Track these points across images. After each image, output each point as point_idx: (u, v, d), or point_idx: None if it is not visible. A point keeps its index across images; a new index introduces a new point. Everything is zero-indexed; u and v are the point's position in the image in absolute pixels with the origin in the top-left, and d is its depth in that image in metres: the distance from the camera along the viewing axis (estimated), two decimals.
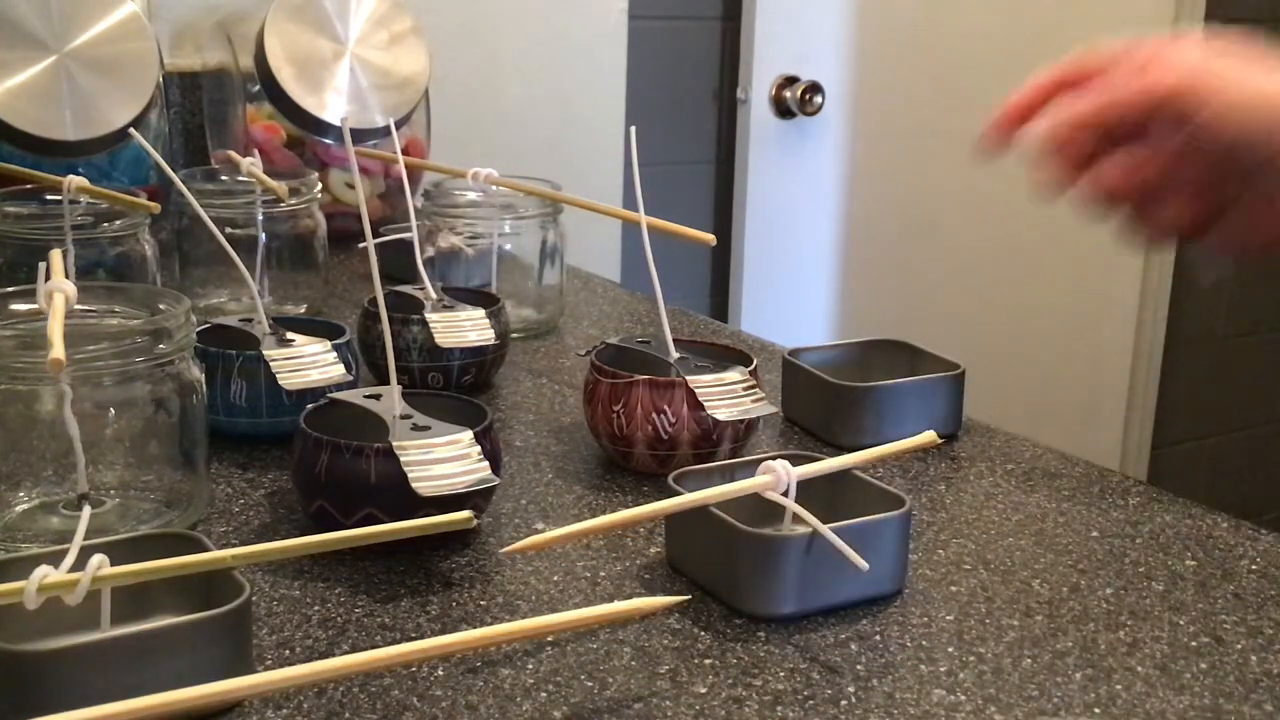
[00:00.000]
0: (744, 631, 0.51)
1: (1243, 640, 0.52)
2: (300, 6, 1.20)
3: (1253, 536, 0.62)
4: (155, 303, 0.60)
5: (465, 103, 1.56)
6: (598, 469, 0.68)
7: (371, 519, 0.56)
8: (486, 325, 0.79)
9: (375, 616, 0.52)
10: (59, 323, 0.52)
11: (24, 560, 0.46)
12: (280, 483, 0.65)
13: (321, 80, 1.19)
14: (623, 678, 0.48)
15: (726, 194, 1.91)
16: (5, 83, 1.03)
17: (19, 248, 0.83)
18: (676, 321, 1.00)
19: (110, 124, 1.05)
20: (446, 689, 0.46)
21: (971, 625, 0.52)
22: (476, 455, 0.57)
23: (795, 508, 0.52)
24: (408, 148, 1.25)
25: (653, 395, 0.65)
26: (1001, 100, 0.68)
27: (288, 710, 0.45)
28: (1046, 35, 2.05)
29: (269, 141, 1.22)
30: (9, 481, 0.59)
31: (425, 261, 0.84)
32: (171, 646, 0.43)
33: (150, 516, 0.59)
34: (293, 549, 0.48)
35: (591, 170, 1.66)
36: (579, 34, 1.66)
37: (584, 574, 0.56)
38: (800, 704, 0.46)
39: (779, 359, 0.90)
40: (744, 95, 1.85)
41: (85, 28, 1.06)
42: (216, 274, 0.95)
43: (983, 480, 0.68)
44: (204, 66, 1.34)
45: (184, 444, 0.60)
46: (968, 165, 2.01)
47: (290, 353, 0.68)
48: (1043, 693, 0.47)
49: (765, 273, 1.92)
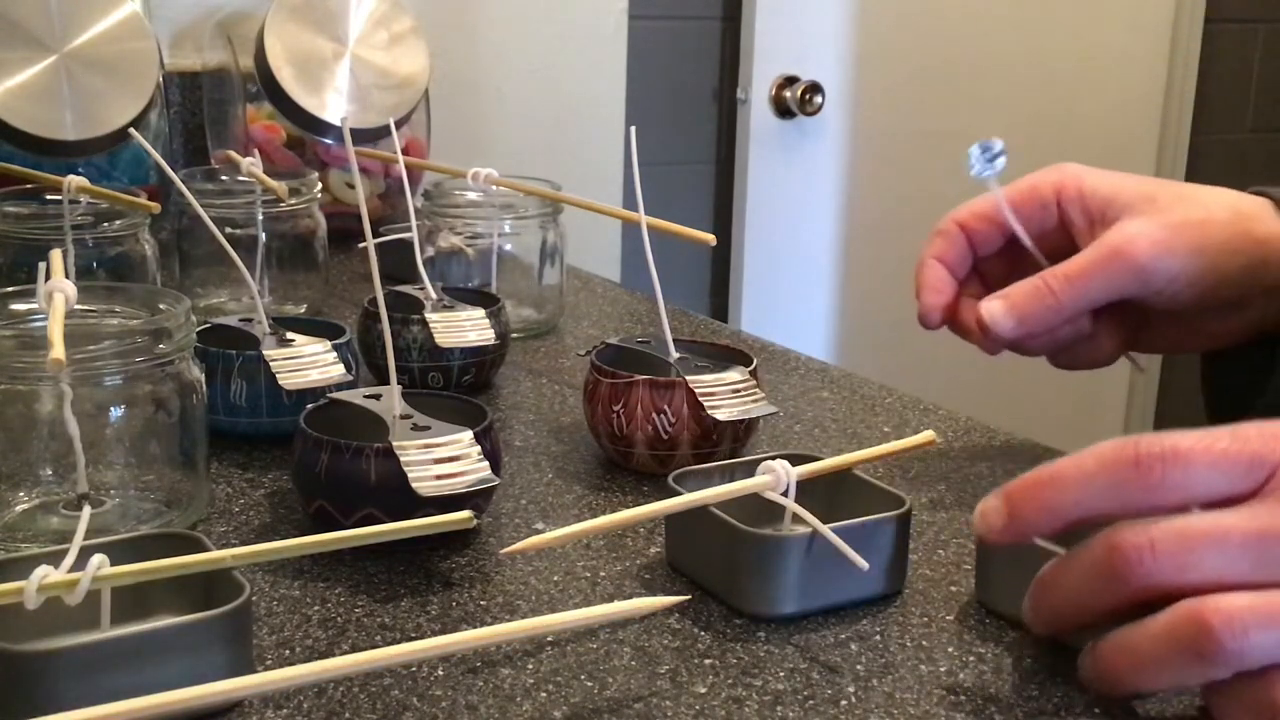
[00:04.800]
0: (744, 631, 0.51)
1: None
2: (300, 6, 1.20)
3: None
4: (155, 303, 0.60)
5: (465, 103, 1.56)
6: (598, 469, 0.68)
7: (371, 519, 0.56)
8: (486, 325, 0.79)
9: (375, 616, 0.52)
10: (59, 323, 0.52)
11: (24, 560, 0.46)
12: (280, 483, 0.65)
13: (321, 80, 1.19)
14: (623, 678, 0.48)
15: (726, 194, 1.91)
16: (5, 83, 1.03)
17: (19, 248, 0.83)
18: (676, 321, 1.00)
19: (110, 124, 1.05)
20: (446, 689, 0.46)
21: (971, 625, 0.52)
22: (476, 455, 0.57)
23: (795, 508, 0.52)
24: (408, 148, 1.25)
25: (653, 395, 0.65)
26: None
27: (288, 710, 0.45)
28: (1046, 35, 2.05)
29: (269, 141, 1.22)
30: (9, 481, 0.59)
31: (425, 261, 0.84)
32: (171, 646, 0.43)
33: (150, 516, 0.59)
34: (293, 549, 0.48)
35: (591, 170, 1.66)
36: (579, 34, 1.66)
37: (584, 574, 0.56)
38: (800, 704, 0.46)
39: (779, 360, 0.90)
40: (744, 95, 1.85)
41: (85, 28, 1.06)
42: (216, 274, 0.95)
43: (983, 480, 0.68)
44: (204, 66, 1.34)
45: (184, 444, 0.60)
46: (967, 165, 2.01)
47: (290, 353, 0.68)
48: (1043, 693, 0.47)
49: (765, 273, 1.92)
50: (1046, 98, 2.06)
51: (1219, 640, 0.41)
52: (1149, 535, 0.43)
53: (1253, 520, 0.43)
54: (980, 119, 2.01)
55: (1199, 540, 0.43)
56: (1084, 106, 2.09)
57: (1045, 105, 2.06)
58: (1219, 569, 0.43)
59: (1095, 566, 0.45)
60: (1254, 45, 2.24)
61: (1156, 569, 0.43)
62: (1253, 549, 0.43)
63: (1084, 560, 0.45)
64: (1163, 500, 0.44)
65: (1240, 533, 0.43)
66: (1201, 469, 0.44)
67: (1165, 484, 0.44)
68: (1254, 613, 0.41)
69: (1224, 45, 2.20)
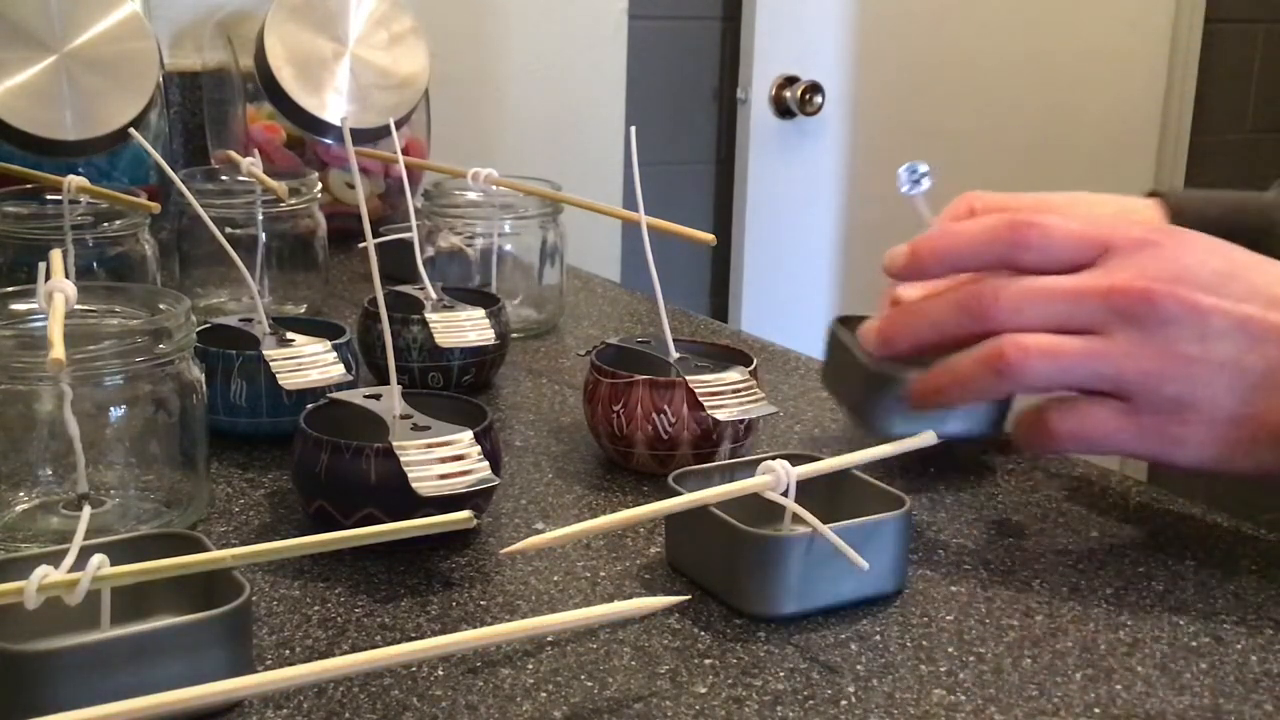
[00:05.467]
0: (744, 631, 0.51)
1: (1243, 640, 0.52)
2: (300, 6, 1.20)
3: (1253, 536, 0.62)
4: (155, 303, 0.60)
5: (465, 103, 1.56)
6: (598, 469, 0.68)
7: (371, 519, 0.56)
8: (486, 325, 0.79)
9: (375, 616, 0.52)
10: (59, 323, 0.52)
11: (24, 560, 0.46)
12: (280, 483, 0.65)
13: (321, 80, 1.19)
14: (623, 678, 0.48)
15: (726, 194, 1.91)
16: (5, 83, 1.03)
17: (19, 248, 0.83)
18: (676, 321, 1.00)
19: (110, 124, 1.05)
20: (446, 689, 0.46)
21: (971, 625, 0.52)
22: (476, 455, 0.57)
23: (795, 508, 0.52)
24: (408, 148, 1.25)
25: (653, 395, 0.65)
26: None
27: (288, 710, 0.45)
28: (1046, 35, 2.05)
29: (269, 141, 1.22)
30: (9, 481, 0.59)
31: (425, 261, 0.84)
32: (171, 646, 0.43)
33: (150, 516, 0.59)
34: (293, 549, 0.48)
35: (591, 170, 1.66)
36: (579, 34, 1.66)
37: (584, 574, 0.56)
38: (800, 704, 0.46)
39: (779, 360, 0.90)
40: (744, 95, 1.85)
41: (85, 28, 1.06)
42: (216, 274, 0.95)
43: (983, 480, 0.68)
44: (204, 66, 1.34)
45: (184, 444, 0.60)
46: (967, 165, 2.01)
47: (290, 353, 0.68)
48: (1043, 693, 0.47)
49: (765, 273, 1.92)
50: (1046, 98, 2.06)
51: (1009, 362, 0.55)
52: (998, 285, 0.56)
53: (1076, 281, 0.55)
54: (980, 119, 2.02)
55: (1033, 293, 0.56)
56: (1084, 106, 2.09)
57: (1045, 105, 2.06)
58: (1043, 316, 0.55)
59: (957, 303, 0.57)
60: (1254, 45, 2.24)
61: (998, 311, 0.56)
62: (1069, 302, 0.55)
63: (948, 297, 0.58)
64: (1024, 260, 0.57)
65: (1063, 290, 0.55)
66: (1058, 239, 0.57)
67: (1028, 245, 0.57)
68: (1039, 347, 0.55)
69: (1224, 45, 2.20)
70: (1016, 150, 2.05)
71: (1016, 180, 2.12)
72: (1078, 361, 0.55)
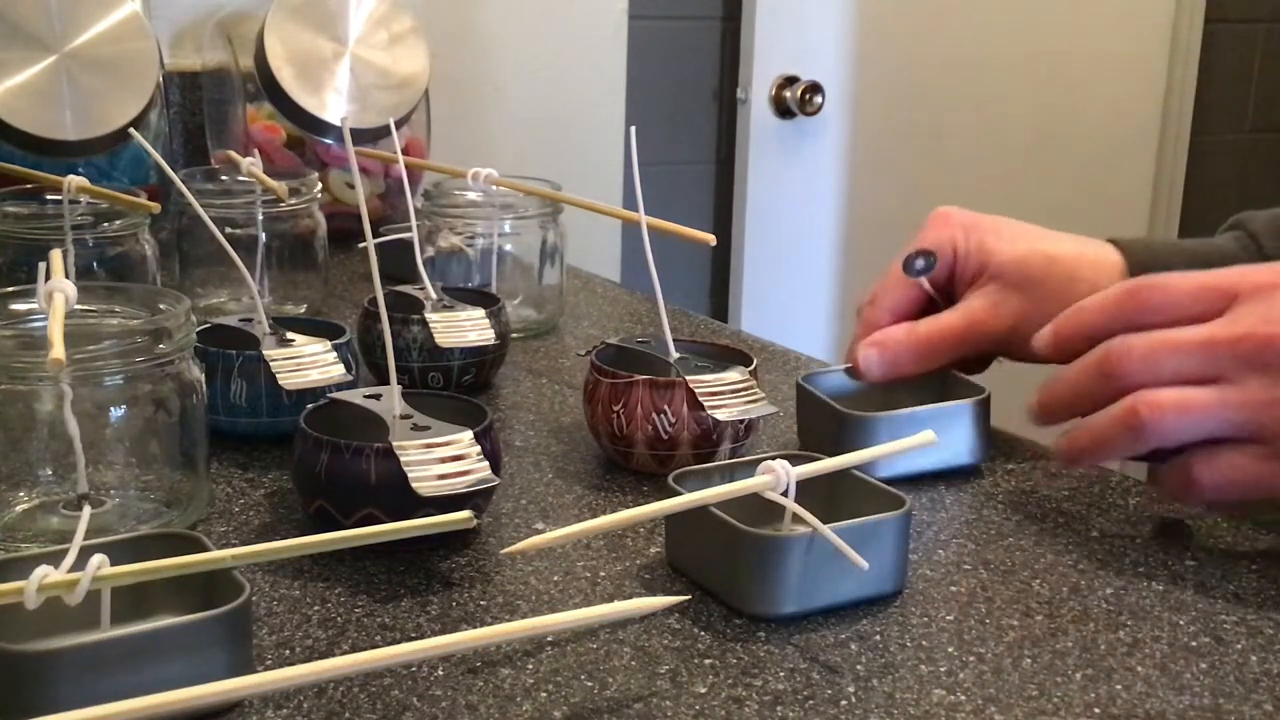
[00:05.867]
0: (744, 631, 0.51)
1: (1243, 640, 0.52)
2: (300, 6, 1.20)
3: (1253, 536, 0.62)
4: (155, 303, 0.60)
5: (465, 103, 1.56)
6: (598, 469, 0.68)
7: (371, 519, 0.56)
8: (486, 325, 0.79)
9: (375, 616, 0.52)
10: (59, 323, 0.52)
11: (24, 560, 0.46)
12: (280, 483, 0.65)
13: (321, 80, 1.19)
14: (623, 678, 0.48)
15: (726, 194, 1.91)
16: (5, 83, 1.03)
17: (19, 248, 0.83)
18: (676, 321, 1.00)
19: (110, 124, 1.05)
20: (446, 689, 0.46)
21: (971, 625, 0.52)
22: (476, 455, 0.57)
23: (795, 508, 0.52)
24: (408, 148, 1.25)
25: (653, 395, 0.65)
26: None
27: (288, 710, 0.45)
28: (1047, 35, 2.05)
29: (269, 141, 1.22)
30: (9, 481, 0.59)
31: (425, 261, 0.84)
32: (171, 646, 0.43)
33: (150, 516, 0.59)
34: (293, 549, 0.48)
35: (591, 170, 1.66)
36: (579, 34, 1.66)
37: (584, 574, 0.56)
38: (800, 704, 0.46)
39: (779, 360, 0.90)
40: (744, 95, 1.85)
41: (85, 28, 1.06)
42: (216, 274, 0.95)
43: (983, 481, 0.68)
44: (204, 66, 1.34)
45: (184, 444, 0.60)
46: (967, 165, 2.01)
47: (290, 353, 0.68)
48: (1043, 693, 0.47)
49: (765, 273, 1.92)
50: (1046, 98, 2.06)
51: (1143, 420, 0.56)
52: (1129, 343, 0.58)
53: (1203, 333, 0.57)
54: (980, 119, 2.02)
55: (1164, 347, 0.57)
56: (1084, 106, 2.09)
57: (1045, 105, 2.06)
58: (1176, 369, 0.57)
59: (1090, 366, 0.59)
60: (1254, 45, 2.24)
61: (1132, 368, 0.57)
62: (1201, 353, 0.56)
63: (1083, 363, 0.59)
64: (1151, 322, 0.58)
65: (1190, 342, 0.57)
66: (1177, 295, 0.58)
67: (1153, 309, 0.58)
68: (1172, 402, 0.56)
69: (1224, 45, 2.20)
70: (1016, 150, 2.05)
71: (1016, 180, 2.12)
72: (1211, 413, 0.56)
